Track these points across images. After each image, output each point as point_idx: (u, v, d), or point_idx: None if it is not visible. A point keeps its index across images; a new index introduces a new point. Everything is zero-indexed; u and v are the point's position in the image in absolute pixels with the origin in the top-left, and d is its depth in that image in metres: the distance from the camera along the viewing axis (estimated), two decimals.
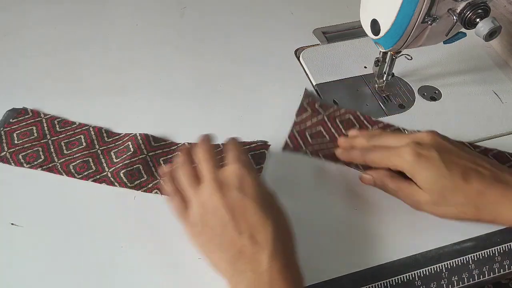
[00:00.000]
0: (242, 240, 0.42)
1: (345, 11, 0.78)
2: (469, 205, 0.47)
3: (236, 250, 0.42)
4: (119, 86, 0.65)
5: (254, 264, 0.41)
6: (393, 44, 0.55)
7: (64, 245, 0.49)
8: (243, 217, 0.43)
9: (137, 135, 0.58)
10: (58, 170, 0.55)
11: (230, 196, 0.43)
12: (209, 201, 0.44)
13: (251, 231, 0.42)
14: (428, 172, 0.47)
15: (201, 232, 0.44)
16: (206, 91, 0.65)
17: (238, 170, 0.45)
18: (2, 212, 0.52)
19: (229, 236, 0.42)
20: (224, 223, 0.43)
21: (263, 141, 0.58)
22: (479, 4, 0.48)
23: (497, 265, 0.50)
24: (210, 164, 0.46)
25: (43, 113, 0.61)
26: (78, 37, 0.73)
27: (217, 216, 0.43)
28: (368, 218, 0.52)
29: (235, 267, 0.42)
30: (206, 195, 0.44)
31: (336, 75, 0.68)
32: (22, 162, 0.55)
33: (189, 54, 0.71)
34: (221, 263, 0.43)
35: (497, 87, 0.66)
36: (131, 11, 0.78)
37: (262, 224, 0.42)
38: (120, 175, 0.54)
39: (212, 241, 0.43)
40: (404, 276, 0.48)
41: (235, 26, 0.75)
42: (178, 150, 0.57)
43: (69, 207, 0.52)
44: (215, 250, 0.43)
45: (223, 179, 0.44)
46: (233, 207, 0.43)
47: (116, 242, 0.49)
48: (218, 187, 0.44)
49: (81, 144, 0.57)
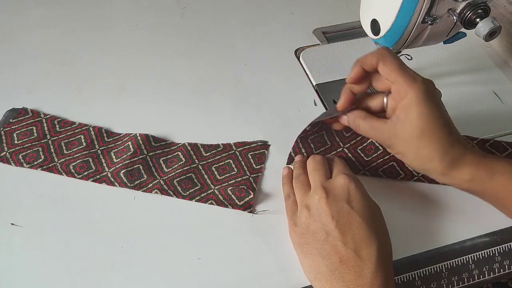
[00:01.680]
0: (346, 251, 0.43)
1: (345, 11, 0.78)
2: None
3: (337, 258, 0.43)
4: (119, 86, 0.65)
5: (356, 275, 0.42)
6: (393, 44, 0.55)
7: (64, 245, 0.49)
8: (348, 230, 0.44)
9: (137, 135, 0.58)
10: (58, 170, 0.55)
11: (337, 206, 0.45)
12: (315, 206, 0.46)
13: (356, 246, 0.43)
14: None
15: (302, 234, 0.46)
16: (206, 91, 0.65)
17: (347, 181, 0.47)
18: (2, 212, 0.52)
19: (332, 244, 0.44)
20: (328, 231, 0.44)
21: (263, 141, 0.58)
22: (479, 4, 0.48)
23: (497, 265, 0.50)
24: (320, 173, 0.49)
25: (43, 113, 0.61)
26: (78, 37, 0.73)
27: (321, 222, 0.45)
28: None
29: (334, 273, 0.43)
30: (313, 200, 0.47)
31: (336, 75, 0.68)
32: (22, 162, 0.55)
33: (189, 54, 0.71)
34: (319, 266, 0.44)
35: (497, 87, 0.66)
36: (131, 11, 0.78)
37: (367, 241, 0.44)
38: (120, 175, 0.54)
39: (311, 244, 0.45)
40: (404, 276, 0.48)
41: (235, 26, 0.75)
42: (178, 150, 0.57)
43: (69, 207, 0.52)
44: (314, 254, 0.45)
45: (331, 188, 0.47)
46: (339, 217, 0.45)
47: (116, 242, 0.49)
48: (326, 195, 0.46)
49: (81, 144, 0.57)
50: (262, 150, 0.58)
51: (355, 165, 0.55)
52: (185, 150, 0.57)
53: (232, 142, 0.58)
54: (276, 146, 0.58)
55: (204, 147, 0.58)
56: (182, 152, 0.57)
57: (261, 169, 0.56)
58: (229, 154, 0.57)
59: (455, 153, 0.44)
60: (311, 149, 0.55)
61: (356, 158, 0.55)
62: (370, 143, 0.56)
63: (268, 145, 0.58)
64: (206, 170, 0.56)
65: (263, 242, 0.50)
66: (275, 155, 0.57)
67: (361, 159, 0.55)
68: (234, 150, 0.57)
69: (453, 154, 0.44)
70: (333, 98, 0.64)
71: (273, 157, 0.57)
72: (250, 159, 0.57)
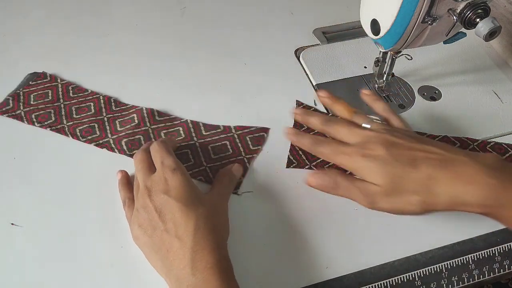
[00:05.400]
0: (169, 238, 0.44)
1: (345, 11, 0.78)
2: (422, 192, 0.44)
3: (165, 248, 0.44)
4: (119, 87, 0.65)
5: (179, 259, 0.43)
6: (393, 44, 0.55)
7: (64, 245, 0.49)
8: (169, 218, 0.45)
9: (143, 108, 0.61)
10: (65, 131, 0.59)
11: (157, 200, 0.46)
12: (141, 207, 0.47)
13: (176, 230, 0.44)
14: (376, 168, 0.45)
15: (138, 236, 0.47)
16: (206, 90, 0.65)
17: (164, 173, 0.48)
18: (2, 212, 0.52)
19: (159, 236, 0.45)
20: (154, 225, 0.46)
21: (265, 128, 0.60)
22: (479, 4, 0.48)
23: (497, 265, 0.50)
24: (141, 172, 0.50)
25: (60, 78, 0.65)
26: (78, 38, 0.73)
27: (148, 219, 0.46)
28: (368, 218, 0.52)
29: (166, 265, 0.44)
30: (139, 201, 0.48)
31: (336, 75, 0.68)
32: (34, 121, 0.60)
33: (189, 54, 0.71)
34: (157, 263, 0.45)
35: (497, 87, 0.66)
36: (131, 11, 0.78)
37: (184, 221, 0.45)
38: (122, 143, 0.57)
39: (146, 243, 0.46)
40: (404, 276, 0.48)
41: (235, 26, 0.75)
42: (180, 125, 0.60)
43: (69, 207, 0.52)
44: (150, 252, 0.46)
45: (151, 185, 0.48)
46: (161, 209, 0.46)
47: (116, 242, 0.49)
48: (148, 193, 0.47)
49: (90, 110, 0.61)
50: (262, 133, 0.59)
51: None
52: (187, 126, 0.60)
53: (233, 125, 0.60)
54: (276, 147, 0.58)
55: (205, 127, 0.60)
56: (183, 128, 0.59)
57: (258, 150, 0.57)
58: (227, 136, 0.59)
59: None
60: (309, 152, 0.56)
61: None
62: None
63: (267, 128, 0.59)
64: (202, 148, 0.57)
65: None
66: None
67: None
68: (233, 133, 0.59)
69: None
70: None
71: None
72: (248, 141, 0.58)
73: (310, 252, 0.49)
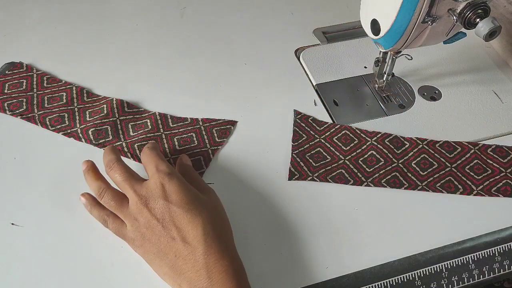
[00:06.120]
0: (176, 244, 0.44)
1: (345, 11, 0.78)
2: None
3: (172, 254, 0.44)
4: (118, 87, 0.65)
5: (192, 263, 0.43)
6: (393, 44, 0.55)
7: (64, 245, 0.49)
8: (172, 224, 0.45)
9: (114, 99, 0.62)
10: (35, 120, 0.59)
11: (157, 207, 0.46)
12: (140, 217, 0.46)
13: (183, 235, 0.44)
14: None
15: (140, 245, 0.46)
16: (206, 91, 0.65)
17: (160, 179, 0.47)
18: (2, 212, 0.52)
19: (164, 244, 0.45)
20: (157, 233, 0.45)
21: (232, 120, 0.61)
22: (479, 4, 0.48)
23: (497, 265, 0.50)
24: (131, 182, 0.48)
25: (36, 68, 0.66)
26: (78, 38, 0.73)
27: (150, 228, 0.46)
28: (368, 218, 0.52)
29: (175, 270, 0.44)
30: (136, 212, 0.46)
31: (336, 75, 0.68)
32: (6, 109, 0.60)
33: (189, 55, 0.71)
34: (162, 269, 0.45)
35: (497, 87, 0.66)
36: (131, 11, 0.78)
37: (191, 226, 0.44)
38: (88, 133, 0.58)
39: (150, 251, 0.46)
40: (404, 276, 0.48)
41: (235, 26, 0.75)
42: (148, 118, 0.60)
43: (69, 207, 0.52)
44: (155, 259, 0.45)
45: (147, 192, 0.46)
46: (162, 216, 0.45)
47: (116, 242, 0.49)
48: (144, 202, 0.46)
49: (61, 100, 0.62)
50: (228, 126, 0.59)
51: (358, 177, 0.55)
52: (154, 118, 0.60)
53: (200, 118, 0.60)
54: (276, 147, 0.58)
55: (172, 119, 0.60)
56: (151, 120, 0.60)
57: (223, 142, 0.58)
58: (194, 128, 0.59)
59: None
60: (310, 163, 0.56)
61: (359, 170, 0.55)
62: (370, 155, 0.57)
63: (234, 121, 0.60)
64: (168, 139, 0.58)
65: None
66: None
67: (363, 171, 0.55)
68: (200, 125, 0.59)
69: None
70: (333, 98, 0.64)
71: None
72: (214, 133, 0.59)
73: (310, 252, 0.49)
